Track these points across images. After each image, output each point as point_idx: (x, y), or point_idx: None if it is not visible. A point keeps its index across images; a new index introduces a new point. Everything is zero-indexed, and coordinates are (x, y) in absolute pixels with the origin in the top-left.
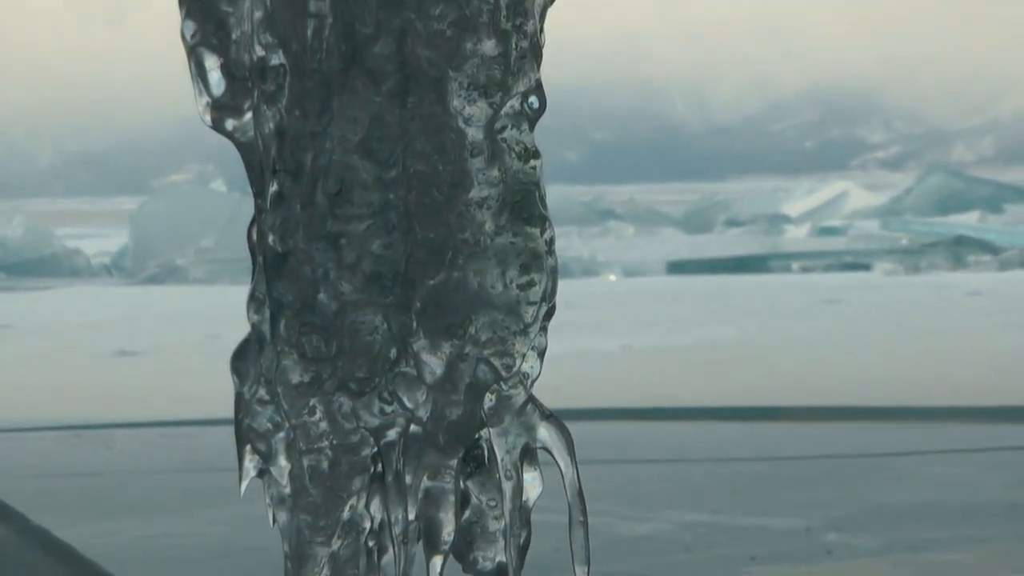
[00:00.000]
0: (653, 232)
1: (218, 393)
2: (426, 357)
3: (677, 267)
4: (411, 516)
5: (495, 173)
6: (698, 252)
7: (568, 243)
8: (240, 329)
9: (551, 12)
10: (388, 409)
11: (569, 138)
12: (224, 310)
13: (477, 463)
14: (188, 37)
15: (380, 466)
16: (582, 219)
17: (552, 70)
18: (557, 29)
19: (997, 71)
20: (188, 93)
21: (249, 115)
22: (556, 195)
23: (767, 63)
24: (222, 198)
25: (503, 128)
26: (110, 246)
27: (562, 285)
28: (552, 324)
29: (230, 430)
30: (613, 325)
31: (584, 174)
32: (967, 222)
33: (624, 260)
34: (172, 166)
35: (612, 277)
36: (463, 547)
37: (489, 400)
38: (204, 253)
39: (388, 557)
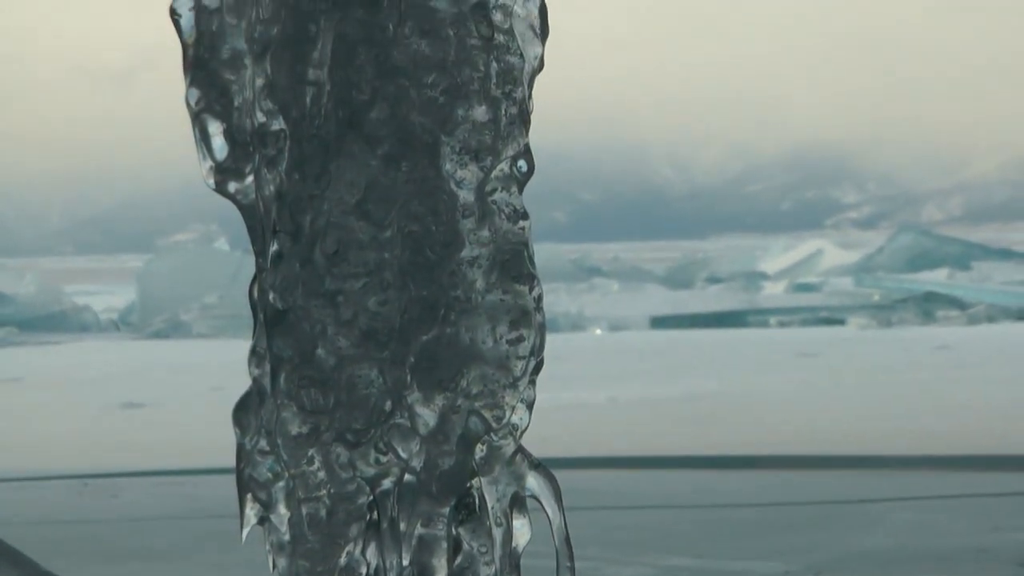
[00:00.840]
0: (637, 288)
1: (221, 444)
2: (420, 409)
3: (660, 322)
4: (405, 562)
5: (486, 234)
6: (680, 308)
7: (556, 299)
8: (242, 382)
9: (539, 80)
10: (383, 459)
11: (557, 199)
12: (227, 364)
13: (469, 511)
14: (192, 104)
15: (376, 514)
16: (570, 276)
17: (540, 135)
18: (545, 96)
19: (965, 137)
20: (192, 157)
21: (251, 178)
22: (545, 253)
23: (746, 129)
24: (225, 257)
25: (493, 191)
26: (118, 302)
27: (550, 339)
28: (540, 376)
29: (232, 479)
30: (599, 377)
31: (571, 233)
32: (936, 279)
33: (610, 315)
34: (177, 226)
35: (598, 331)
36: None
37: (480, 451)
38: (208, 309)
39: None
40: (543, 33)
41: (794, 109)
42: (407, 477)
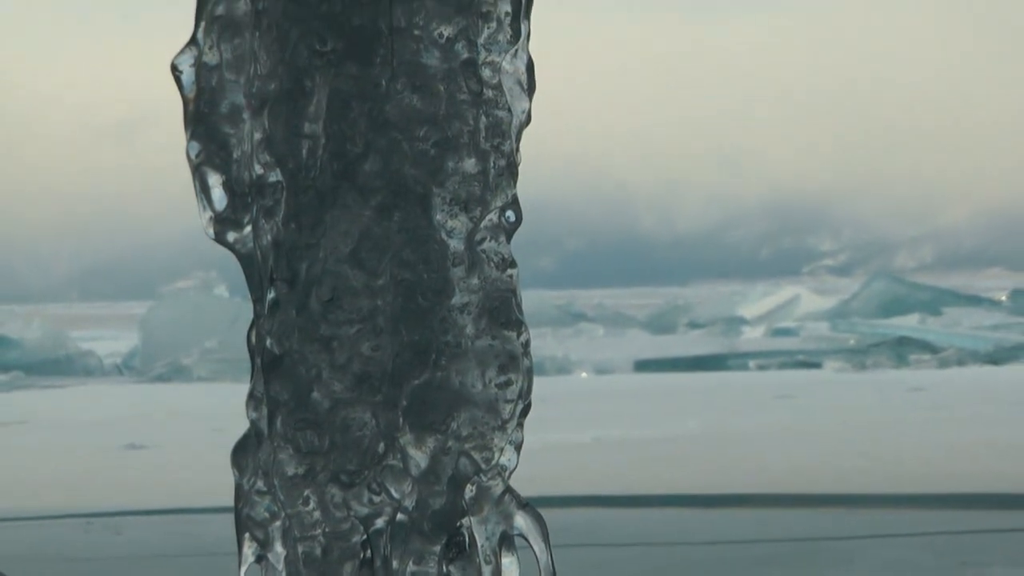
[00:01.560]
0: (621, 333)
1: (220, 484)
2: (412, 451)
3: (643, 365)
4: None
5: (475, 281)
6: (663, 352)
7: (543, 343)
8: (241, 424)
9: (527, 132)
10: (376, 499)
11: (545, 247)
12: (226, 406)
13: (459, 549)
14: (193, 157)
15: (369, 552)
16: (556, 321)
17: (528, 185)
18: (532, 147)
19: (936, 187)
20: (194, 207)
21: (249, 228)
22: (532, 299)
23: (725, 179)
24: (224, 303)
25: (482, 240)
26: (121, 347)
27: (537, 382)
28: (528, 418)
29: (230, 518)
30: (585, 419)
31: (558, 280)
32: (909, 324)
33: (595, 359)
34: (178, 273)
35: (584, 375)
36: None
37: (470, 491)
38: (208, 353)
39: None
40: (530, 88)
41: (771, 160)
42: (399, 516)
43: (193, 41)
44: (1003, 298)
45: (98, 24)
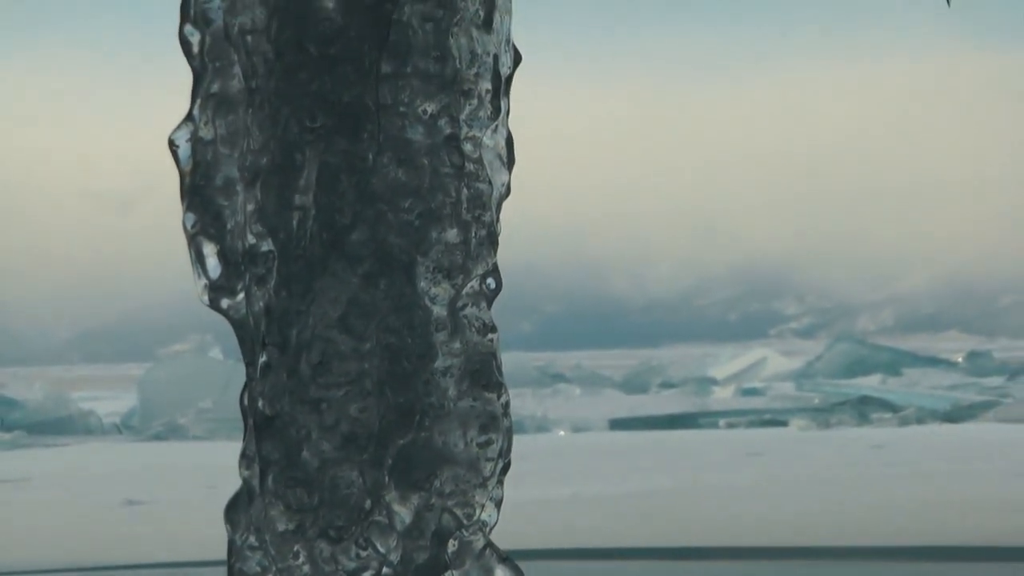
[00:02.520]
0: (597, 393)
1: (214, 539)
2: (397, 508)
3: (619, 424)
4: None
5: (457, 346)
6: (637, 411)
7: (523, 403)
8: (235, 481)
9: (505, 204)
10: (363, 554)
11: (524, 311)
12: (221, 464)
13: None
14: (189, 227)
15: None
16: (535, 382)
17: (509, 253)
18: (512, 217)
19: (896, 252)
20: (189, 272)
21: (242, 295)
22: (512, 361)
23: (696, 245)
24: (219, 365)
25: (464, 306)
26: (120, 407)
27: (517, 440)
28: (508, 475)
29: (224, 573)
30: (563, 476)
31: (537, 342)
32: (870, 384)
33: (572, 418)
34: (175, 337)
35: (562, 433)
36: None
37: (452, 545)
38: (203, 413)
39: None
40: (510, 162)
41: (739, 226)
42: (385, 570)
43: (189, 117)
44: (959, 359)
45: (103, 96)
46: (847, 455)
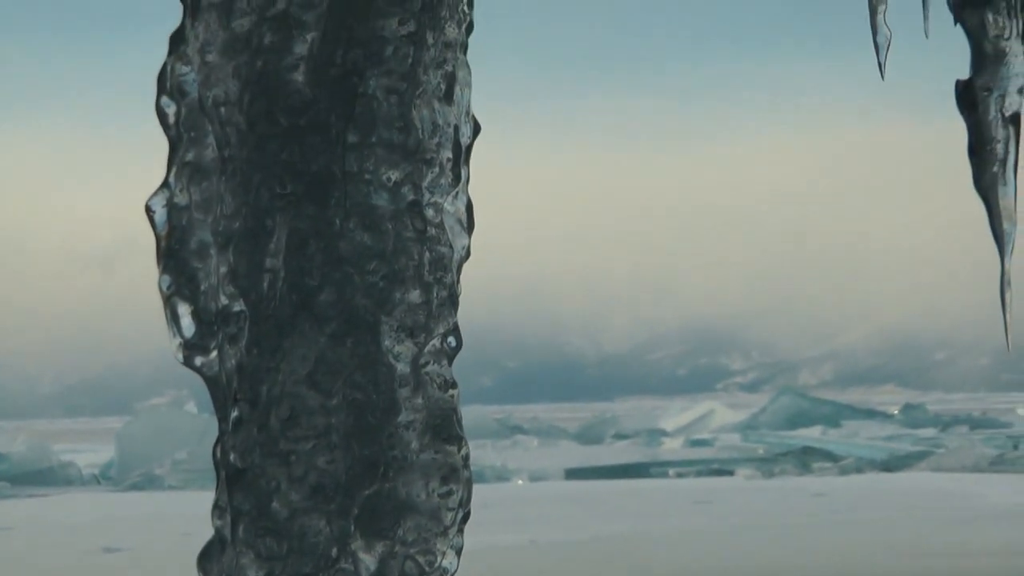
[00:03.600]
0: (554, 444)
1: None
2: (362, 555)
3: (574, 473)
4: None
5: (420, 401)
6: (591, 461)
7: (483, 454)
8: (210, 529)
9: (466, 266)
10: None
11: (485, 366)
12: (195, 513)
13: None
14: (164, 288)
15: None
16: (495, 433)
17: (470, 312)
18: (472, 278)
19: (835, 310)
20: (165, 331)
21: (215, 353)
22: (473, 414)
23: (648, 303)
24: (194, 419)
25: (426, 364)
26: (99, 459)
27: (477, 489)
28: (468, 523)
29: None
30: (521, 522)
31: (497, 396)
32: (812, 435)
33: (530, 468)
34: (152, 391)
35: (520, 482)
36: None
37: None
38: (179, 464)
39: None
40: (470, 226)
41: (688, 286)
42: None
43: (165, 184)
44: (896, 412)
45: (87, 162)
46: (790, 503)
